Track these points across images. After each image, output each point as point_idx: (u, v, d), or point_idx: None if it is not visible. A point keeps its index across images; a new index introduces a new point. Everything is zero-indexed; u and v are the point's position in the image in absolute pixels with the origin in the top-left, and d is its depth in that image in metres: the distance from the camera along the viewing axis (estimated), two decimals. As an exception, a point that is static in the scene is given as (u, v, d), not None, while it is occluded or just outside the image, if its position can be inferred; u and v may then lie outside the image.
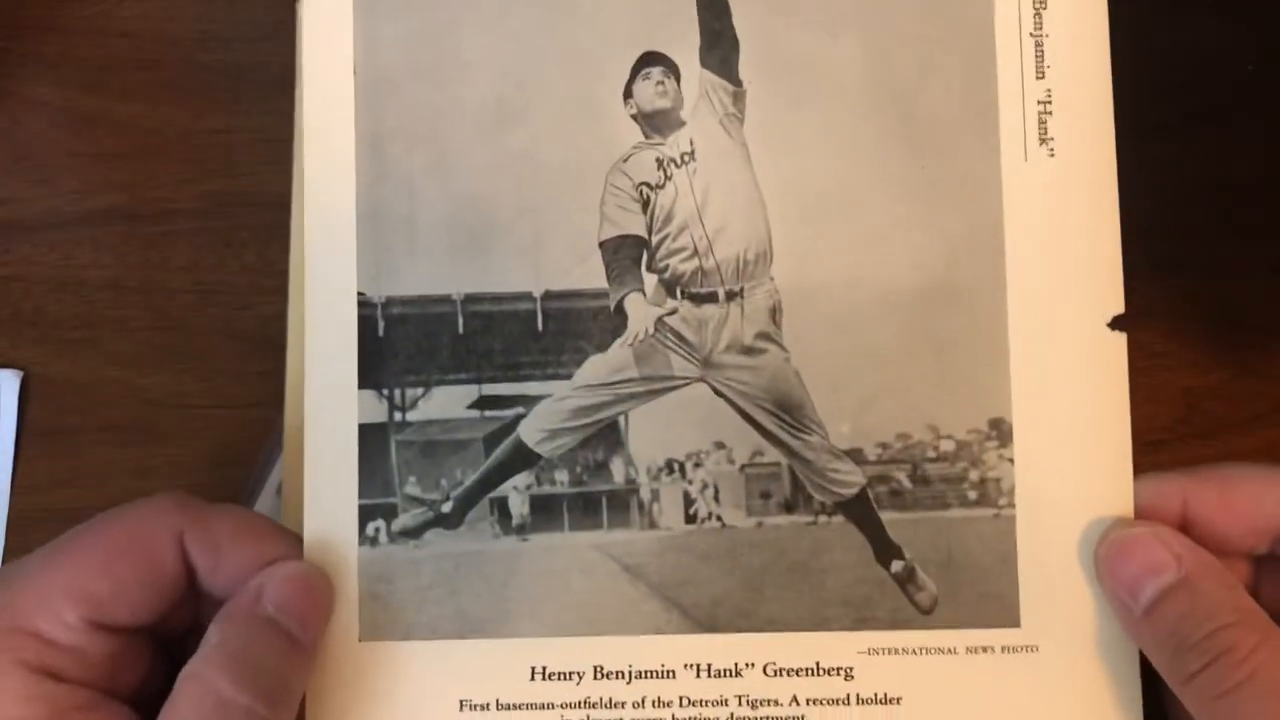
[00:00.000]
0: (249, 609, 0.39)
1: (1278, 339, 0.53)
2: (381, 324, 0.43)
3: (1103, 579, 0.41)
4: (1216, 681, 0.37)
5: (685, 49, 0.44)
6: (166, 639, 0.42)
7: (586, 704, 0.42)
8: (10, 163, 0.56)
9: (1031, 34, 0.43)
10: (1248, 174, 0.54)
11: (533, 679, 0.42)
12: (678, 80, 0.44)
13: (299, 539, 0.42)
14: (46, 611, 0.38)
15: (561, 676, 0.42)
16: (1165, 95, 0.54)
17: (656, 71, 0.44)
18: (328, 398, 0.43)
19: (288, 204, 0.44)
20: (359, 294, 0.43)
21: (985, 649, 0.42)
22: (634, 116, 0.44)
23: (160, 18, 0.56)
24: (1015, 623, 0.42)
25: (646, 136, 0.44)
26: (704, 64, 0.44)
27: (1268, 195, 0.54)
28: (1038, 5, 0.43)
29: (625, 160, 0.44)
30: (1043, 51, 0.43)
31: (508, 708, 0.42)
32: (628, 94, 0.44)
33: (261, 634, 0.39)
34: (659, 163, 0.44)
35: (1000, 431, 0.42)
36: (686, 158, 0.44)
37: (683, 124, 0.44)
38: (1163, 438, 0.53)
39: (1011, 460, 0.42)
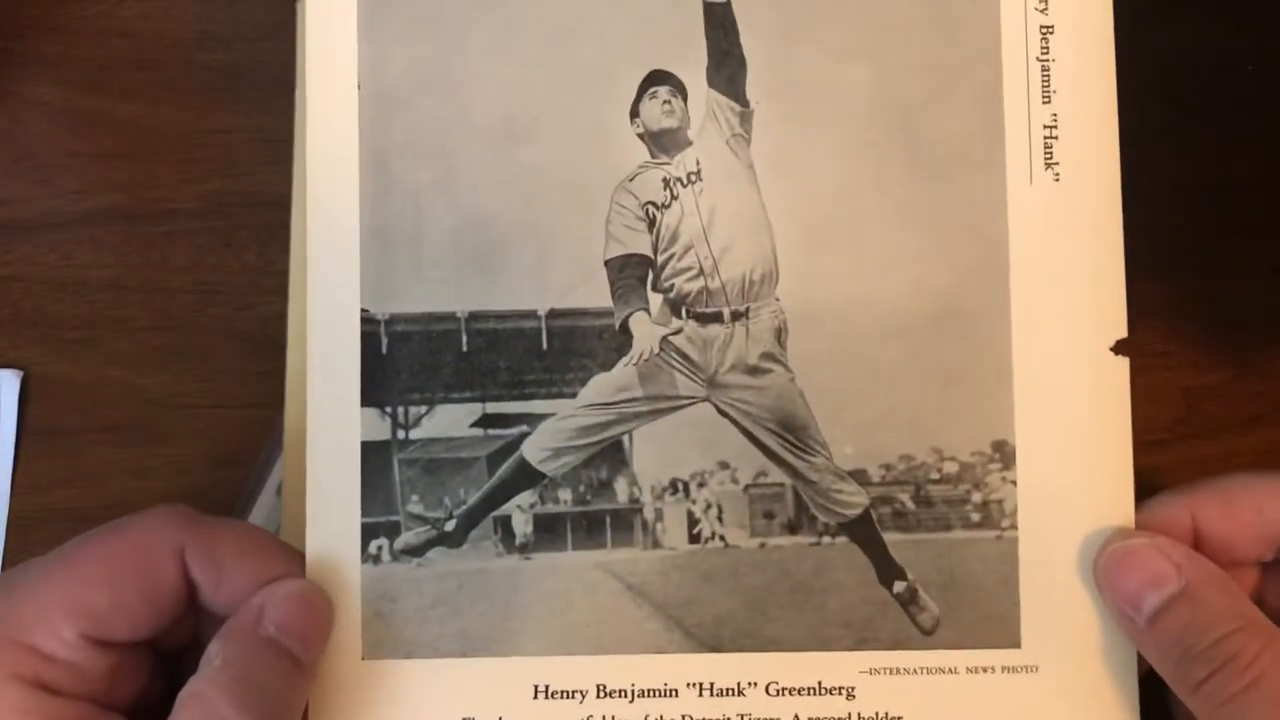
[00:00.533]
0: (250, 629, 0.39)
1: (1278, 339, 0.53)
2: (385, 341, 0.43)
3: (1103, 591, 0.41)
4: (1223, 688, 0.38)
5: (693, 68, 0.43)
6: (165, 652, 0.42)
7: (589, 721, 0.43)
8: (10, 163, 0.55)
9: (1039, 58, 0.43)
10: (1248, 174, 0.54)
11: (535, 697, 0.42)
12: (684, 99, 0.43)
13: (301, 556, 0.42)
14: (44, 626, 0.38)
15: (564, 695, 0.42)
16: (1165, 95, 0.54)
17: (663, 90, 0.43)
18: (330, 415, 0.43)
19: (288, 204, 0.44)
20: (362, 311, 0.43)
21: (986, 669, 0.42)
22: (640, 135, 0.43)
23: (160, 18, 0.56)
24: (1016, 643, 0.42)
25: (653, 156, 0.43)
26: (711, 83, 0.43)
27: (1268, 195, 0.54)
28: (1045, 30, 0.43)
29: (631, 179, 0.43)
30: (1049, 76, 0.43)
31: None
32: (634, 113, 0.43)
33: (263, 655, 0.39)
34: (665, 182, 0.43)
35: (1003, 454, 0.43)
36: (693, 177, 0.43)
37: (689, 144, 0.43)
38: (1163, 438, 0.53)
39: (1014, 482, 0.42)
